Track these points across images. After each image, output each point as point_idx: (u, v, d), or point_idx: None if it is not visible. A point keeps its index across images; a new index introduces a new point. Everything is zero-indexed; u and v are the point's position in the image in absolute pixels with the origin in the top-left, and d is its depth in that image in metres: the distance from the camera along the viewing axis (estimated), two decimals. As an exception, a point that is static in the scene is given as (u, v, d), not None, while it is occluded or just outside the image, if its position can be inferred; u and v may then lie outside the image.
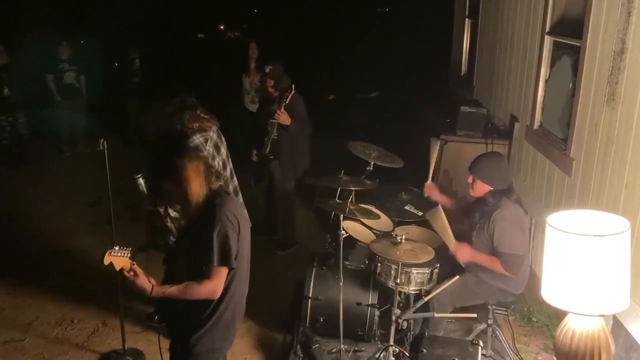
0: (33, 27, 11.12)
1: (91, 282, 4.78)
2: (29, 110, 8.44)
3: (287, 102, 5.05)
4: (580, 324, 1.93)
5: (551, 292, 1.94)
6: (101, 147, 3.62)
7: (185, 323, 2.61)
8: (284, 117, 5.05)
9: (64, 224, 6.19)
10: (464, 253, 3.75)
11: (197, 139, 3.59)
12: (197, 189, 2.49)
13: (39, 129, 8.88)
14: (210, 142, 3.67)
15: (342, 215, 3.78)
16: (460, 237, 3.84)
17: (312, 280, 4.07)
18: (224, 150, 3.81)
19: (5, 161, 8.15)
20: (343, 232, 3.83)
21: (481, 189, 3.70)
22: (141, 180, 3.56)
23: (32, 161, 8.41)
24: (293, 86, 5.11)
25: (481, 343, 3.04)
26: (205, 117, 3.65)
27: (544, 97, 4.84)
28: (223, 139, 3.85)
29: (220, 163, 3.76)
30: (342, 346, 3.84)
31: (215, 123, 3.72)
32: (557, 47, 4.67)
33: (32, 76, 8.40)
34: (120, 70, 9.95)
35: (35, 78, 8.45)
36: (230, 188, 3.90)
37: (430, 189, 4.24)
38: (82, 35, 11.39)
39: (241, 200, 4.00)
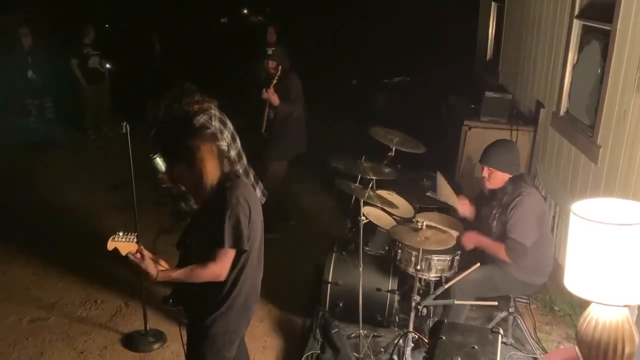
0: (57, 10, 11.19)
1: (115, 264, 4.79)
2: (55, 94, 8.55)
3: (275, 82, 5.17)
4: (604, 314, 1.89)
5: (575, 281, 1.90)
6: (124, 131, 3.65)
7: (198, 306, 2.63)
8: (273, 97, 5.16)
9: (89, 206, 6.28)
10: (470, 239, 3.73)
11: (201, 118, 3.67)
12: (212, 170, 2.49)
13: (65, 113, 8.99)
14: (214, 119, 3.76)
15: (362, 200, 3.77)
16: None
17: (332, 265, 4.08)
18: (230, 124, 3.90)
19: (31, 144, 8.27)
20: (363, 217, 3.81)
21: (500, 179, 3.65)
22: (159, 160, 3.57)
23: (58, 144, 8.51)
24: (280, 67, 5.21)
25: (501, 331, 3.01)
26: (203, 99, 3.71)
27: (571, 82, 4.73)
28: (225, 115, 3.93)
29: (229, 135, 3.85)
30: (361, 331, 3.85)
31: (214, 102, 3.80)
32: (585, 32, 4.56)
33: (56, 60, 8.48)
34: (141, 55, 10.00)
35: (60, 62, 8.54)
36: (244, 160, 4.01)
37: (463, 206, 4.01)
38: (106, 20, 11.45)
39: (253, 174, 4.09)
